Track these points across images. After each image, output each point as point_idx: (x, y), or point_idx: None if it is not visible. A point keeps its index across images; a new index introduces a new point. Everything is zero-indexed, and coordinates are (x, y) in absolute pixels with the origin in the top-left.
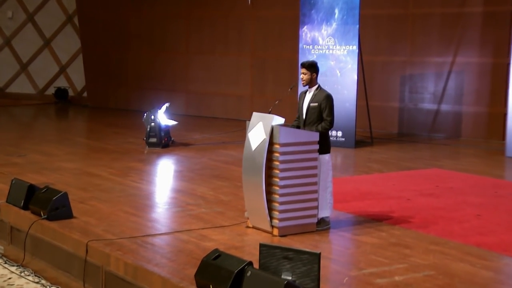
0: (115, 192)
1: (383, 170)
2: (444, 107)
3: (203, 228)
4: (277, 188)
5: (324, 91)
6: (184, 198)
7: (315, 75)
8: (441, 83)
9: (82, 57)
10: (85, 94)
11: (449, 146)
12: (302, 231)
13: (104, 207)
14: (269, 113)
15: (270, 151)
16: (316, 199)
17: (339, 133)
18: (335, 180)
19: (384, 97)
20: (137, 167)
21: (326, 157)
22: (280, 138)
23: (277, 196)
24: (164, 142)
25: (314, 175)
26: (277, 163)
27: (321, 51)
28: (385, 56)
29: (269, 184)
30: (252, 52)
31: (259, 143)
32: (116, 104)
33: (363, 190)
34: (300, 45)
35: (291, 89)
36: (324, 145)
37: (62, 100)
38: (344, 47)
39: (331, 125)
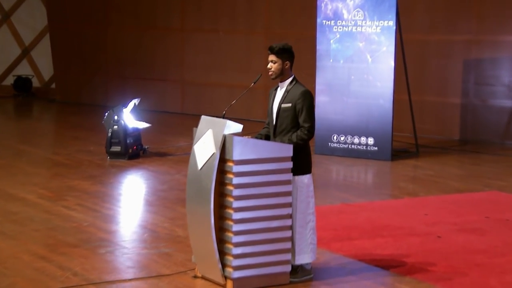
0: (32, 224)
1: (419, 193)
2: None
3: (131, 280)
4: (230, 223)
5: (301, 86)
6: (125, 232)
7: (288, 64)
8: None
9: (49, 36)
10: (54, 86)
11: None
12: (269, 284)
13: (6, 247)
14: (223, 116)
15: (222, 171)
16: (289, 239)
17: (370, 141)
18: (346, 208)
19: (439, 90)
20: (81, 188)
21: (304, 179)
22: (234, 152)
23: (231, 235)
24: (132, 151)
25: (287, 205)
26: (230, 187)
27: (346, 29)
28: (440, 34)
29: (220, 217)
30: (266, 29)
31: (206, 159)
32: (92, 98)
33: (380, 222)
34: (319, 20)
35: (254, 82)
36: (302, 163)
37: (23, 93)
38: (377, 23)
39: (310, 134)
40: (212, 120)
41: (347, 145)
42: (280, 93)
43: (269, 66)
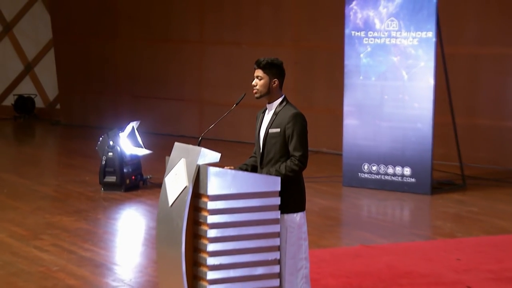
0: None
1: (456, 233)
2: None
3: None
4: (205, 269)
5: (292, 107)
6: (97, 278)
7: (276, 83)
8: None
9: (54, 50)
10: (59, 106)
11: None
12: None
13: None
14: (199, 144)
15: (196, 207)
16: None
17: (407, 171)
18: (364, 250)
19: (493, 112)
20: (62, 224)
21: (296, 218)
22: (208, 186)
23: (205, 284)
24: (130, 182)
25: (274, 249)
26: (205, 227)
27: (378, 41)
28: (493, 46)
29: (194, 263)
30: (295, 41)
31: (178, 194)
32: (99, 120)
33: (401, 268)
34: (347, 31)
35: (237, 103)
36: (293, 198)
37: (24, 114)
38: (414, 34)
39: (302, 165)
40: (186, 147)
41: (379, 176)
42: (268, 117)
43: (253, 82)
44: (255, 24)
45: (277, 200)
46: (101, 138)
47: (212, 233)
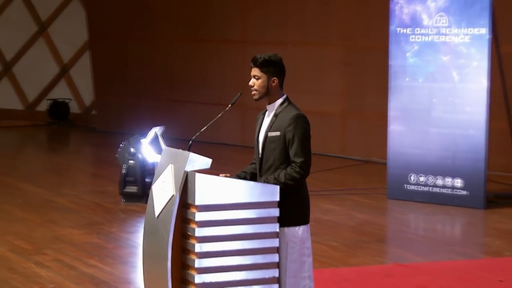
0: None
1: (504, 251)
2: None
3: None
4: None
5: (294, 108)
6: None
7: (276, 81)
8: None
9: (90, 52)
10: (94, 111)
11: None
12: None
13: None
14: (189, 148)
15: (185, 219)
16: None
17: (458, 182)
18: (397, 269)
19: None
20: (70, 238)
21: (298, 232)
22: (196, 195)
23: None
24: None
25: (272, 266)
26: (192, 241)
27: (426, 38)
28: None
29: (183, 280)
30: (345, 40)
31: (164, 203)
32: (135, 126)
33: None
34: (392, 27)
35: (232, 104)
36: (295, 210)
37: (59, 120)
38: (466, 31)
39: (303, 172)
40: (174, 152)
41: (428, 188)
42: (267, 119)
43: (251, 82)
44: (302, 22)
45: (275, 212)
46: (121, 145)
47: (200, 247)
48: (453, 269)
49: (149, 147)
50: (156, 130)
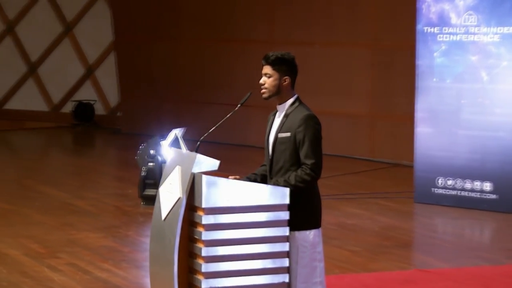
0: None
1: None
2: None
3: None
4: None
5: (305, 108)
6: None
7: (288, 80)
8: None
9: (116, 53)
10: (120, 113)
11: None
12: None
13: None
14: (196, 149)
15: (192, 222)
16: None
17: (487, 186)
18: (418, 275)
19: None
20: (86, 242)
21: (309, 236)
22: (203, 197)
23: None
24: None
25: (281, 271)
26: (199, 245)
27: (455, 38)
28: None
29: (190, 285)
30: (374, 40)
31: (171, 206)
32: (161, 128)
33: None
34: (419, 26)
35: (242, 103)
36: (306, 213)
37: (84, 122)
38: (495, 30)
39: (314, 174)
40: (181, 153)
41: (456, 192)
42: (278, 120)
43: (261, 81)
44: (329, 21)
45: (285, 215)
46: (141, 147)
47: (207, 251)
48: (477, 276)
49: (169, 150)
50: (176, 132)
